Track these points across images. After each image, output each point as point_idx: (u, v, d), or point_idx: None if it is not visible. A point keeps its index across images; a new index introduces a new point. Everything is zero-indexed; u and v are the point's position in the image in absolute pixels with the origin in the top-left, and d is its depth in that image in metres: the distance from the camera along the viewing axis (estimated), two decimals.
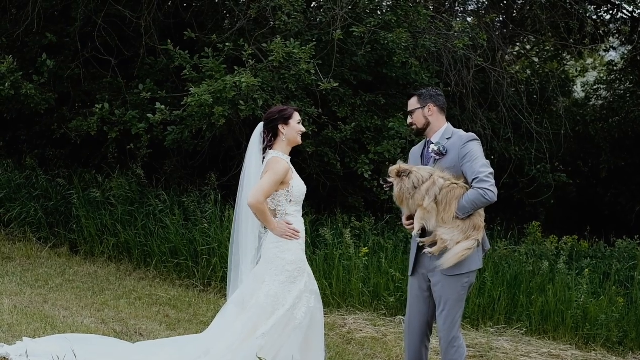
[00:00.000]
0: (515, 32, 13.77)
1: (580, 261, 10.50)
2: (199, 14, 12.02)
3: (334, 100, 10.77)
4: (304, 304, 5.96)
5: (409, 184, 5.82)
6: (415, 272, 6.09)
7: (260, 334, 5.83)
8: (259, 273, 6.02)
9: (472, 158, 5.84)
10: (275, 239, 6.00)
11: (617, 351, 8.88)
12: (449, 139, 5.99)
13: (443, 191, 5.78)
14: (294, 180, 6.04)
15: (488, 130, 12.03)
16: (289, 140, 6.09)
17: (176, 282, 9.80)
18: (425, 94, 6.12)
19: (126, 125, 10.67)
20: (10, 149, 12.89)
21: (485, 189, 5.73)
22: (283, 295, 5.92)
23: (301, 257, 6.05)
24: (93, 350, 6.33)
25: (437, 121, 6.09)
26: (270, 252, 6.01)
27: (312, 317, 6.01)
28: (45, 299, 8.27)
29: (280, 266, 5.96)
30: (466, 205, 5.76)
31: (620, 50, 16.49)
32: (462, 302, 5.95)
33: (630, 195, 14.66)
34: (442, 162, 5.94)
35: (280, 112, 6.12)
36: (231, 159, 11.58)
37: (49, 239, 10.84)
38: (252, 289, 6.01)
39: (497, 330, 8.86)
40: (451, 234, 5.78)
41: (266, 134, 6.11)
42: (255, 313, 5.93)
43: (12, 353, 6.17)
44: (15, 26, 11.78)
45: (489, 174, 5.78)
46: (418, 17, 10.85)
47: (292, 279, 5.96)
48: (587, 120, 14.92)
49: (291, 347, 5.85)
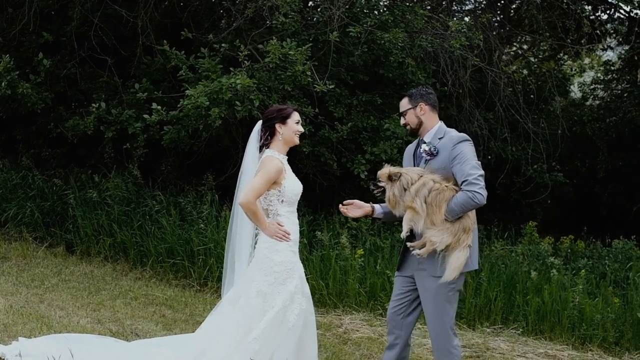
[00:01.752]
0: (512, 31, 13.77)
1: (577, 261, 10.50)
2: (196, 14, 12.00)
3: (330, 100, 10.76)
4: (296, 305, 5.90)
5: (400, 187, 5.80)
6: (401, 270, 6.08)
7: (252, 338, 5.78)
8: (250, 272, 6.00)
9: (462, 160, 5.78)
10: (266, 239, 5.95)
11: (613, 351, 8.88)
12: (441, 138, 5.95)
13: (432, 193, 5.74)
14: (287, 180, 5.97)
15: (485, 130, 12.03)
16: (285, 140, 6.03)
17: (172, 282, 9.80)
18: (416, 94, 6.09)
19: (123, 124, 10.65)
20: (7, 149, 12.87)
21: (475, 192, 5.67)
22: (272, 296, 5.87)
23: (291, 259, 5.96)
24: (90, 350, 6.30)
25: (430, 120, 6.07)
26: (260, 252, 5.97)
27: (305, 319, 5.96)
28: (41, 298, 8.26)
29: (268, 267, 5.91)
30: (455, 208, 5.71)
31: (617, 50, 16.51)
32: (451, 304, 5.86)
33: (627, 196, 14.66)
34: (432, 162, 5.91)
35: (279, 111, 6.06)
36: (228, 158, 11.57)
37: (45, 239, 10.82)
38: (243, 288, 5.98)
39: (494, 330, 8.86)
40: (440, 236, 5.73)
41: (263, 132, 6.06)
42: (247, 313, 5.89)
43: (8, 353, 6.15)
44: (12, 25, 11.77)
45: (479, 176, 5.71)
46: (415, 16, 10.84)
47: (281, 280, 5.90)
48: (584, 120, 14.91)
49: (286, 350, 5.81)
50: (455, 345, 5.88)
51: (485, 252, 10.20)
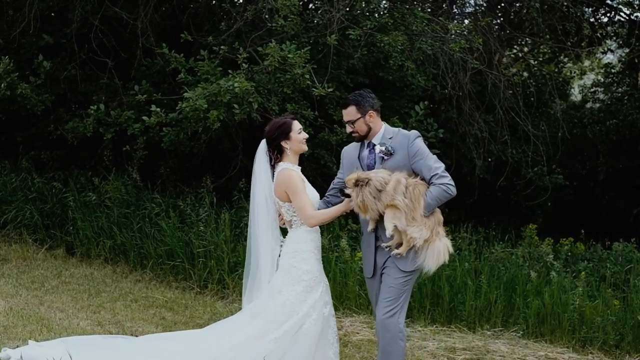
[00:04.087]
0: (513, 34, 13.77)
1: (577, 264, 10.48)
2: (196, 16, 12.01)
3: (330, 102, 10.75)
4: (317, 312, 5.98)
5: (372, 189, 5.78)
6: (374, 274, 6.11)
7: (272, 337, 5.86)
8: (276, 283, 6.04)
9: (423, 155, 5.92)
10: (292, 248, 6.03)
11: (614, 354, 8.86)
12: (391, 138, 6.04)
13: (409, 189, 5.80)
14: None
15: (485, 132, 12.03)
16: (294, 151, 6.12)
17: (172, 284, 9.79)
18: (363, 102, 6.13)
19: (122, 126, 10.65)
20: (6, 151, 12.86)
21: (447, 184, 5.84)
22: (299, 304, 5.94)
23: (317, 267, 6.06)
24: (97, 354, 6.28)
25: (376, 124, 6.16)
26: (287, 262, 6.03)
27: (323, 325, 6.01)
28: (41, 300, 8.26)
29: (296, 276, 5.98)
30: (431, 202, 5.83)
31: (618, 52, 16.50)
32: (407, 294, 5.97)
33: (627, 198, 14.64)
34: (389, 161, 5.97)
35: (278, 127, 6.11)
36: (227, 161, 11.56)
37: (45, 241, 10.82)
38: (267, 300, 6.02)
39: (494, 333, 8.85)
40: (420, 232, 5.82)
41: (271, 151, 6.15)
42: (268, 320, 5.94)
43: (13, 356, 6.15)
44: (12, 27, 11.77)
45: (444, 169, 5.90)
46: (415, 19, 10.83)
47: (309, 288, 5.98)
48: (584, 122, 14.91)
49: (298, 353, 5.88)
50: (401, 335, 5.94)
51: (485, 254, 10.19)
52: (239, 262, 9.59)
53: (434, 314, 9.18)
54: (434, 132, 10.58)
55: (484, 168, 12.41)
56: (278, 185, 6.05)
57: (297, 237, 6.06)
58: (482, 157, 12.10)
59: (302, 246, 6.04)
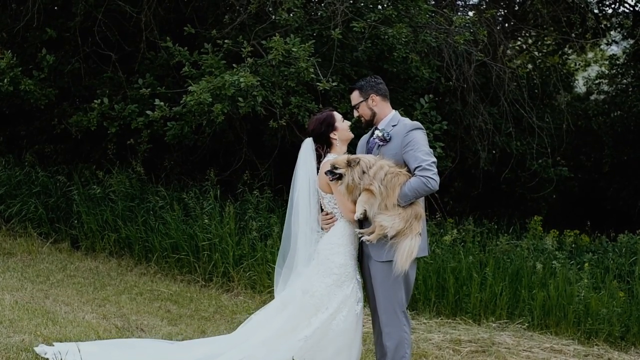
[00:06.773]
0: (517, 26, 13.74)
1: (582, 256, 10.47)
2: (199, 9, 11.99)
3: (334, 95, 10.74)
4: (349, 309, 5.92)
5: (359, 171, 5.78)
6: (362, 259, 6.10)
7: (303, 336, 5.82)
8: (308, 273, 6.00)
9: (415, 146, 5.84)
10: (329, 240, 5.99)
11: (619, 346, 8.86)
12: (395, 126, 6.01)
13: (387, 177, 5.76)
14: None
15: (489, 124, 12.01)
16: (342, 141, 6.16)
17: (177, 277, 9.80)
18: (366, 86, 6.13)
19: (126, 120, 10.65)
20: (10, 145, 12.87)
21: (428, 177, 5.73)
22: (328, 297, 5.89)
23: (350, 262, 5.99)
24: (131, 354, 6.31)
25: (383, 110, 6.13)
26: (321, 253, 5.99)
27: (356, 323, 5.96)
28: (46, 294, 8.27)
29: (328, 269, 5.93)
30: (408, 192, 5.75)
31: (622, 44, 16.46)
32: (399, 287, 5.87)
33: (632, 190, 14.62)
34: (385, 148, 5.96)
35: (323, 122, 6.12)
36: (232, 154, 11.56)
37: (49, 235, 10.83)
38: (298, 288, 5.99)
39: (499, 325, 8.84)
40: (392, 221, 5.74)
41: (320, 147, 6.13)
42: (295, 311, 5.92)
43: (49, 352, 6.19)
44: (15, 21, 11.77)
45: (432, 162, 5.78)
46: (419, 11, 10.81)
47: (339, 282, 5.92)
48: (589, 114, 14.88)
49: (333, 349, 5.85)
50: (405, 329, 5.91)
51: (490, 246, 10.18)
52: (244, 255, 9.60)
53: (439, 306, 9.18)
54: (438, 125, 10.56)
55: (489, 160, 12.39)
56: (322, 176, 6.02)
57: (335, 230, 6.02)
58: (486, 149, 12.08)
59: (338, 239, 5.98)
